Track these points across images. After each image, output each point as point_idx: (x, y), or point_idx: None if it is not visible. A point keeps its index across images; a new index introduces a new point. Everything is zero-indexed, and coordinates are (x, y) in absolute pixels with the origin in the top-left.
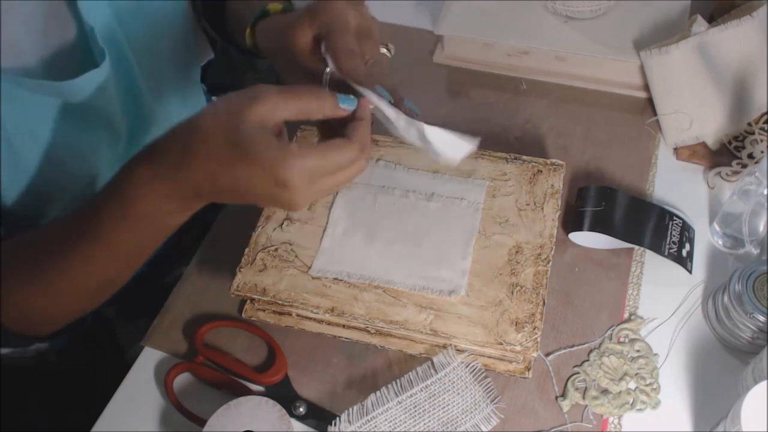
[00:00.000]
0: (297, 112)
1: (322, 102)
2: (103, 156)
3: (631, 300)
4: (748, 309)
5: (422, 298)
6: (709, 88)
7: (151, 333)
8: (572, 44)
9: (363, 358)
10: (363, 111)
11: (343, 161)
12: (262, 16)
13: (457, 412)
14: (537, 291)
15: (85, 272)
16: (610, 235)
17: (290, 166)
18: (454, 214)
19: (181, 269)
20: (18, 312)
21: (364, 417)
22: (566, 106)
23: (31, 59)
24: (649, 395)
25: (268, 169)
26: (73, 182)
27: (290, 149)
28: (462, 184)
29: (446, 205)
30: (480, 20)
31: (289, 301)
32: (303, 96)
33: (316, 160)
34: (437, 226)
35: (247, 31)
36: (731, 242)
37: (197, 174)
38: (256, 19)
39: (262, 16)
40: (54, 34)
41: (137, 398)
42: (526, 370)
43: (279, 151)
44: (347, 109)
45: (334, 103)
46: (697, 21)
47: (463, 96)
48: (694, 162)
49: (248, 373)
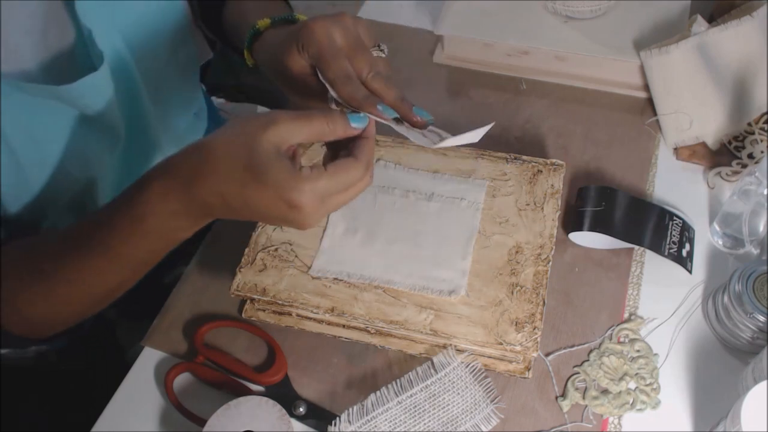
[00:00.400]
0: (310, 135)
1: (334, 125)
2: (102, 158)
3: (631, 300)
4: (748, 309)
5: (422, 298)
6: (709, 88)
7: (151, 333)
8: (572, 44)
9: (363, 358)
10: (369, 129)
11: (350, 180)
12: (255, 35)
13: (457, 412)
14: (537, 291)
15: (91, 281)
16: (610, 235)
17: (302, 189)
18: (454, 214)
19: (181, 269)
20: (19, 316)
21: (364, 417)
22: (566, 106)
23: (30, 63)
24: (649, 395)
25: (281, 191)
26: (72, 185)
27: (303, 174)
28: (462, 184)
29: (446, 205)
30: (480, 20)
31: (289, 301)
32: (315, 120)
33: (326, 182)
34: (437, 226)
35: (245, 54)
36: (731, 242)
37: (210, 193)
38: (251, 40)
39: (255, 35)
40: (53, 38)
41: (137, 398)
42: (526, 370)
43: (292, 176)
44: (359, 127)
45: (346, 125)
46: (697, 21)
47: (463, 96)
48: (694, 162)
49: (248, 373)
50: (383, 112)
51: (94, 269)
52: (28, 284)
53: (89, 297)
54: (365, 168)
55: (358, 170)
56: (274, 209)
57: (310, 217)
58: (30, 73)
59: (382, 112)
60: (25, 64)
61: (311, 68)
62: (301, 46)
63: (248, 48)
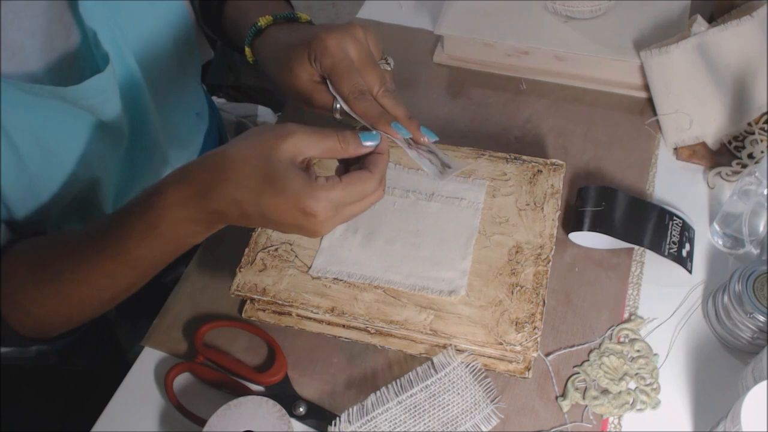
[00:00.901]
0: (323, 151)
1: (347, 144)
2: (105, 158)
3: (631, 300)
4: (748, 309)
5: (422, 298)
6: (709, 88)
7: (151, 333)
8: (572, 44)
9: (363, 358)
10: (383, 146)
11: (364, 192)
12: (257, 33)
13: (457, 412)
14: (537, 291)
15: (100, 284)
16: (610, 235)
17: (317, 197)
18: (454, 214)
19: (181, 269)
20: (26, 314)
21: (364, 417)
22: (566, 106)
23: (35, 64)
24: (649, 395)
25: (296, 199)
26: (76, 185)
27: (318, 183)
28: (462, 184)
29: (446, 205)
30: (480, 20)
31: (289, 301)
32: (329, 137)
33: (341, 192)
34: (437, 226)
35: (246, 51)
36: (731, 242)
37: (226, 201)
38: (252, 37)
39: (256, 32)
40: (58, 39)
41: (137, 398)
42: (526, 370)
43: (307, 184)
44: (371, 146)
45: (358, 144)
46: (697, 21)
47: (463, 96)
48: (694, 162)
49: (248, 373)
50: (397, 131)
51: (104, 271)
52: (38, 283)
53: (97, 299)
54: (379, 181)
55: (372, 183)
56: (288, 217)
57: (323, 225)
58: (35, 75)
59: (396, 131)
60: (30, 65)
61: (321, 78)
62: (313, 58)
63: (249, 45)
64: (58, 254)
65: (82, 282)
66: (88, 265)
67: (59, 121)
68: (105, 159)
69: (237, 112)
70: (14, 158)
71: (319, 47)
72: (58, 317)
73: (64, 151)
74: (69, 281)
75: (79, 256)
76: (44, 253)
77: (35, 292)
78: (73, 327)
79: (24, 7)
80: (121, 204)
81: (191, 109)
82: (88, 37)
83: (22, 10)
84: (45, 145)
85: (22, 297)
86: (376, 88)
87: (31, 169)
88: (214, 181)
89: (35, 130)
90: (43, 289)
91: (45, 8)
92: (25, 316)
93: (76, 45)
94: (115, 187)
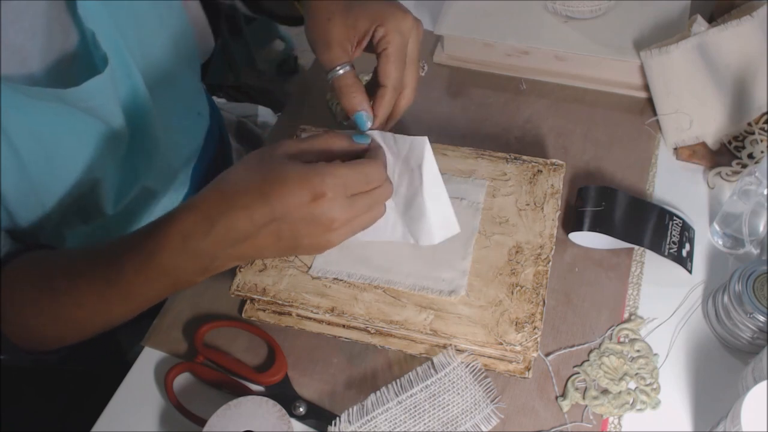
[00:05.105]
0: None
1: (339, 138)
2: (105, 159)
3: (631, 300)
4: (748, 309)
5: (422, 298)
6: (709, 88)
7: (151, 333)
8: (572, 44)
9: (363, 358)
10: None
11: (372, 175)
12: None
13: (457, 412)
14: (537, 291)
15: (98, 309)
16: (610, 235)
17: (322, 172)
18: None
19: None
20: (23, 326)
21: (364, 417)
22: (566, 106)
23: (35, 66)
24: (649, 395)
25: (300, 181)
26: (76, 186)
27: (319, 163)
28: (462, 184)
29: None
30: (480, 20)
31: (289, 301)
32: (321, 135)
33: (346, 170)
34: None
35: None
36: (731, 242)
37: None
38: None
39: None
40: (57, 40)
41: (137, 398)
42: (526, 370)
43: (308, 166)
44: (363, 144)
45: (350, 139)
46: (697, 21)
47: (463, 96)
48: (694, 162)
49: (248, 373)
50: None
51: (103, 299)
52: (38, 299)
53: (91, 323)
54: (382, 166)
55: (378, 166)
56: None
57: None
58: (34, 76)
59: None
60: (29, 66)
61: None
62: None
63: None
64: (62, 272)
65: (79, 305)
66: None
67: (59, 123)
68: (105, 160)
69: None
70: (15, 161)
71: (393, 21)
72: (54, 334)
73: (65, 152)
74: (67, 303)
75: (77, 278)
76: (49, 269)
77: (36, 307)
78: (67, 344)
79: (25, 8)
80: (121, 205)
81: (191, 109)
82: (86, 37)
83: (23, 10)
84: (45, 147)
85: (20, 311)
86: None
87: (32, 171)
88: (219, 198)
89: (35, 133)
90: (43, 305)
91: (45, 9)
92: (22, 327)
93: (74, 46)
94: (116, 188)
